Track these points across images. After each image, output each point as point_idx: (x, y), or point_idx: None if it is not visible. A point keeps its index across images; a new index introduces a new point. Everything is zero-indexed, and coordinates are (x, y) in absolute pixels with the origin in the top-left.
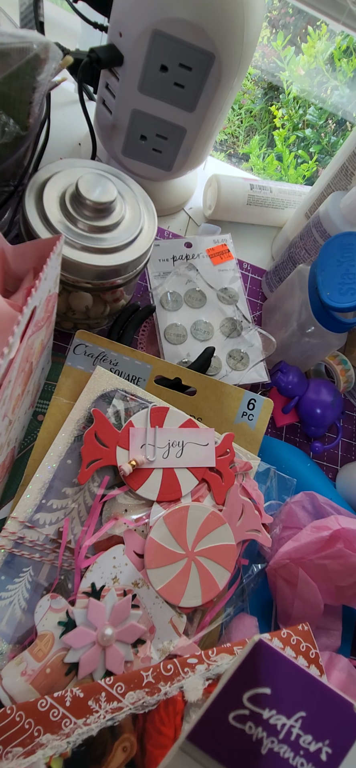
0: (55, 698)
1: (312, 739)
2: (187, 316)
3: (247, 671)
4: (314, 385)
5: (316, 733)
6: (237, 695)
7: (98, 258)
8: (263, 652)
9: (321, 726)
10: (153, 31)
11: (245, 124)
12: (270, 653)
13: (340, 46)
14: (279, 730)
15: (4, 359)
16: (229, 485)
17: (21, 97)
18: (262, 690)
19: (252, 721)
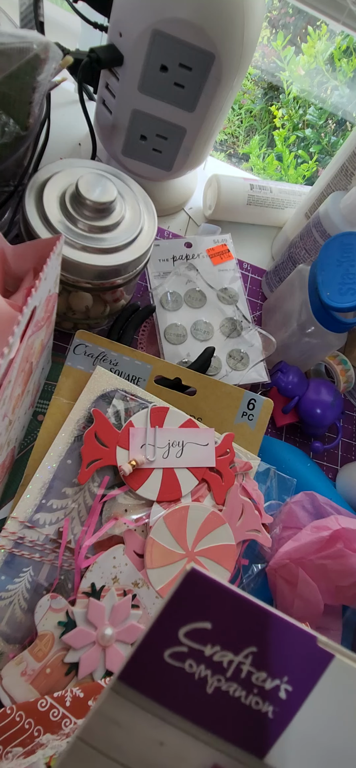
0: (55, 698)
1: (267, 676)
2: (187, 316)
3: (181, 605)
4: (314, 385)
5: (272, 669)
6: (172, 631)
7: (98, 258)
8: (199, 583)
9: (277, 662)
10: (153, 31)
11: (245, 124)
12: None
13: (340, 46)
14: (226, 668)
15: (4, 359)
16: (229, 485)
17: (21, 97)
18: (201, 625)
19: (192, 658)
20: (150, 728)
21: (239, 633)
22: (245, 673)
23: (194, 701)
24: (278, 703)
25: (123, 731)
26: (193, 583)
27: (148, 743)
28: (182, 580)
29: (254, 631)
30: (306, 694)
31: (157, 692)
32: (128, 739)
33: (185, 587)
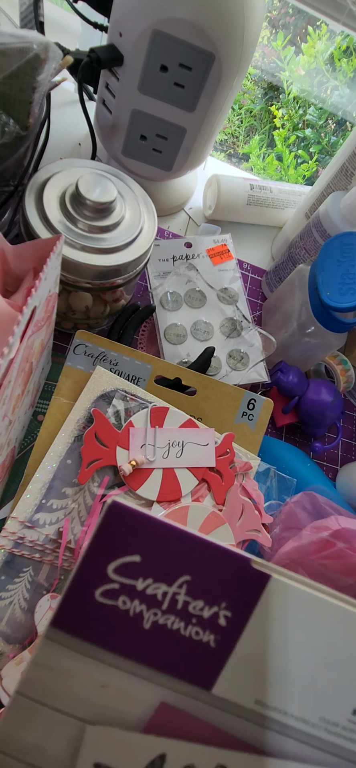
0: None
1: (204, 604)
2: (187, 316)
3: (107, 540)
4: (314, 385)
5: (208, 597)
6: (101, 569)
7: (98, 258)
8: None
9: (212, 589)
10: (153, 31)
11: (245, 124)
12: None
13: (340, 46)
14: (161, 600)
15: (4, 359)
16: (229, 485)
17: (21, 97)
18: (129, 559)
19: (125, 594)
20: (90, 672)
21: (170, 563)
22: (181, 603)
23: (132, 639)
24: (219, 630)
25: (62, 678)
26: (117, 516)
27: (89, 687)
28: (104, 515)
29: (186, 559)
30: (247, 618)
31: (92, 634)
32: (68, 686)
33: (109, 522)
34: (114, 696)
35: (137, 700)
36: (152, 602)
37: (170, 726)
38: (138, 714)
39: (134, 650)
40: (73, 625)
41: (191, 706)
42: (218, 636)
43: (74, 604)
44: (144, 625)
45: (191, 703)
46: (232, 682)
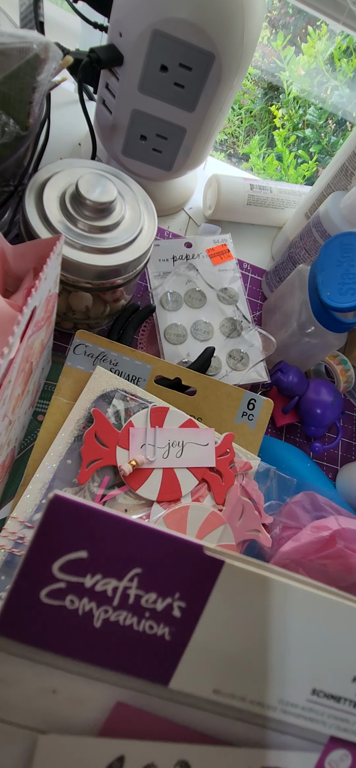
0: None
1: (158, 597)
2: (187, 316)
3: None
4: (314, 385)
5: (161, 588)
6: (45, 568)
7: (98, 258)
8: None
9: (165, 580)
10: (153, 31)
11: (245, 124)
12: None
13: (340, 46)
14: (112, 596)
15: (4, 359)
16: (229, 485)
17: (21, 97)
18: (76, 555)
19: (73, 593)
20: (39, 678)
21: (119, 556)
22: (133, 598)
23: (83, 639)
24: (173, 622)
25: (9, 687)
26: (60, 511)
27: (39, 694)
28: (46, 510)
29: (136, 551)
30: (202, 607)
31: (39, 638)
32: (16, 695)
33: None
34: (66, 701)
35: (90, 703)
36: (102, 599)
37: (128, 726)
38: (93, 717)
39: (85, 651)
40: (18, 630)
41: (149, 703)
42: (173, 628)
43: (18, 608)
44: (95, 623)
45: (149, 701)
46: (189, 673)
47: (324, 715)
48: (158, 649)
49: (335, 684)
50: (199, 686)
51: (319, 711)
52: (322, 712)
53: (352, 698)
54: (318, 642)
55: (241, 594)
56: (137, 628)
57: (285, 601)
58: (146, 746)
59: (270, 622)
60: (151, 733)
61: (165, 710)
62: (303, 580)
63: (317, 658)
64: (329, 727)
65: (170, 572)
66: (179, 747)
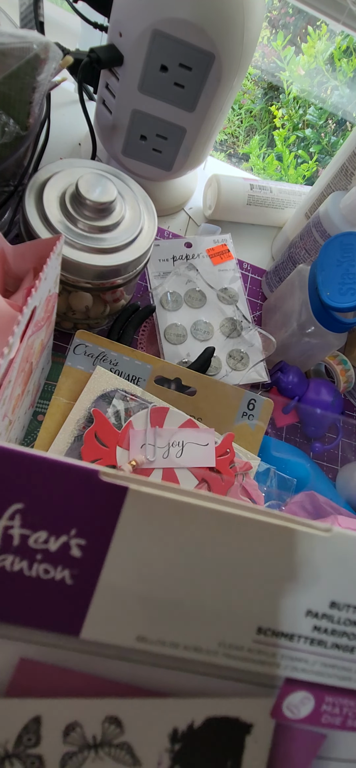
0: None
1: (49, 536)
2: (187, 316)
3: None
4: (314, 385)
5: (51, 526)
6: None
7: (98, 258)
8: None
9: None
10: (153, 31)
11: (245, 124)
12: None
13: (340, 46)
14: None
15: (4, 359)
16: (229, 485)
17: (21, 97)
18: None
19: None
20: None
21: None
22: (17, 538)
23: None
24: (73, 564)
25: None
26: None
27: None
28: None
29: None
30: (107, 543)
31: None
32: None
33: None
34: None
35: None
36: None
37: (40, 684)
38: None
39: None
40: None
41: (59, 657)
42: (74, 570)
43: None
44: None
45: (59, 654)
46: (103, 621)
47: (276, 656)
48: (60, 596)
49: (285, 620)
50: (118, 634)
51: (269, 652)
52: (273, 653)
53: (308, 635)
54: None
55: (155, 524)
56: (29, 573)
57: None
58: (66, 704)
59: (197, 554)
60: (71, 690)
61: (81, 664)
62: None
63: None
64: (283, 669)
65: (60, 506)
66: (106, 702)
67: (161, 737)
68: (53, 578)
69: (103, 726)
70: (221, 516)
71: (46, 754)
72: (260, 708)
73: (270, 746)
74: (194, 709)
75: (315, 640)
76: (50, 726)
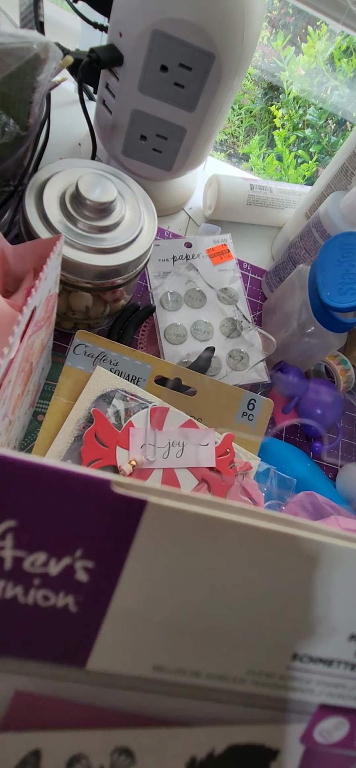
0: None
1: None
2: (187, 316)
3: None
4: (314, 385)
5: (52, 546)
6: None
7: (98, 258)
8: None
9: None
10: (153, 31)
11: (245, 124)
12: None
13: (340, 46)
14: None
15: (4, 359)
16: (229, 485)
17: (21, 97)
18: None
19: None
20: None
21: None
22: (10, 561)
23: None
24: (79, 589)
25: None
26: None
27: None
28: None
29: (4, 496)
30: (120, 564)
31: None
32: None
33: None
34: None
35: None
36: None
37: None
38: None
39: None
40: None
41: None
42: (79, 597)
43: None
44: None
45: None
46: (115, 649)
47: (311, 682)
48: (62, 624)
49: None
50: (131, 663)
51: (304, 678)
52: (309, 680)
53: (349, 660)
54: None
55: (178, 542)
56: (25, 600)
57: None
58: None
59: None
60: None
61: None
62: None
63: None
64: (318, 695)
65: (63, 523)
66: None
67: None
68: (54, 605)
69: (111, 757)
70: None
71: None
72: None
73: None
74: (215, 736)
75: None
76: (51, 759)
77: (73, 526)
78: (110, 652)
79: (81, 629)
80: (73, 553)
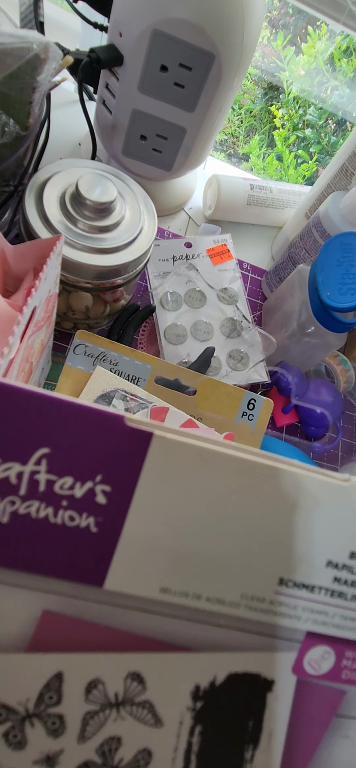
0: None
1: (74, 481)
2: (187, 316)
3: None
4: (314, 385)
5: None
6: None
7: (98, 258)
8: None
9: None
10: (153, 31)
11: (245, 124)
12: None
13: (340, 46)
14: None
15: (4, 359)
16: None
17: (21, 97)
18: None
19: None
20: None
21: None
22: (44, 484)
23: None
24: (99, 511)
25: None
26: None
27: None
28: None
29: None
30: (132, 489)
31: None
32: None
33: None
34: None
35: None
36: (6, 488)
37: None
38: (16, 631)
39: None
40: None
41: (83, 609)
42: (99, 518)
43: None
44: (0, 518)
45: (82, 606)
46: (127, 571)
47: (297, 608)
48: (85, 544)
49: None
50: (142, 585)
51: (290, 604)
52: (294, 605)
53: (328, 586)
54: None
55: (179, 471)
56: (54, 520)
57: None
58: (88, 659)
59: (220, 503)
60: (92, 645)
61: (105, 616)
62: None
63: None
64: (304, 622)
65: (86, 451)
66: (127, 657)
67: (183, 695)
68: (78, 526)
69: (125, 683)
70: (244, 464)
71: (68, 713)
72: (281, 663)
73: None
74: (216, 664)
75: (335, 591)
76: (72, 683)
77: (94, 454)
78: (123, 573)
79: (100, 550)
80: (94, 478)
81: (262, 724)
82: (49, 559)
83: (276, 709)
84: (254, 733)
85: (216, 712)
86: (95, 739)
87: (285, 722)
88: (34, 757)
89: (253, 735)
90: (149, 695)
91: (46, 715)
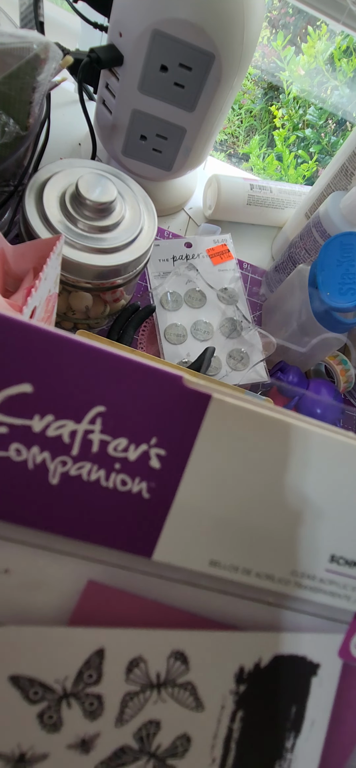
0: None
1: (129, 443)
2: (187, 316)
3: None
4: (314, 385)
5: (132, 432)
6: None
7: (98, 258)
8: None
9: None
10: (153, 31)
11: (245, 124)
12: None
13: (340, 46)
14: (70, 443)
15: None
16: None
17: (21, 97)
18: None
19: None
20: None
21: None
22: (97, 444)
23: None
24: (152, 475)
25: None
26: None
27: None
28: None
29: (96, 384)
30: (187, 454)
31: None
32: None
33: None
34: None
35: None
36: (58, 447)
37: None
38: (59, 602)
39: (40, 516)
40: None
41: (130, 581)
42: (152, 483)
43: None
44: (50, 479)
45: (129, 578)
46: (177, 541)
47: (347, 587)
48: (135, 511)
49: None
50: (191, 557)
51: (341, 582)
52: (345, 584)
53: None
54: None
55: (235, 438)
56: (106, 484)
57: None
58: (131, 635)
59: (273, 472)
60: (136, 620)
61: (151, 589)
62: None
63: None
64: (354, 602)
65: (142, 412)
66: (171, 634)
67: (227, 677)
68: (130, 491)
69: (168, 662)
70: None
71: (107, 694)
72: (328, 646)
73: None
74: (263, 644)
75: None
76: (113, 660)
77: (150, 415)
78: (173, 544)
79: (151, 518)
80: (149, 440)
81: (305, 712)
82: (98, 526)
83: (319, 695)
84: (296, 721)
85: (259, 697)
86: (134, 722)
87: (328, 710)
88: (69, 740)
89: (295, 722)
90: (192, 676)
91: (84, 695)
